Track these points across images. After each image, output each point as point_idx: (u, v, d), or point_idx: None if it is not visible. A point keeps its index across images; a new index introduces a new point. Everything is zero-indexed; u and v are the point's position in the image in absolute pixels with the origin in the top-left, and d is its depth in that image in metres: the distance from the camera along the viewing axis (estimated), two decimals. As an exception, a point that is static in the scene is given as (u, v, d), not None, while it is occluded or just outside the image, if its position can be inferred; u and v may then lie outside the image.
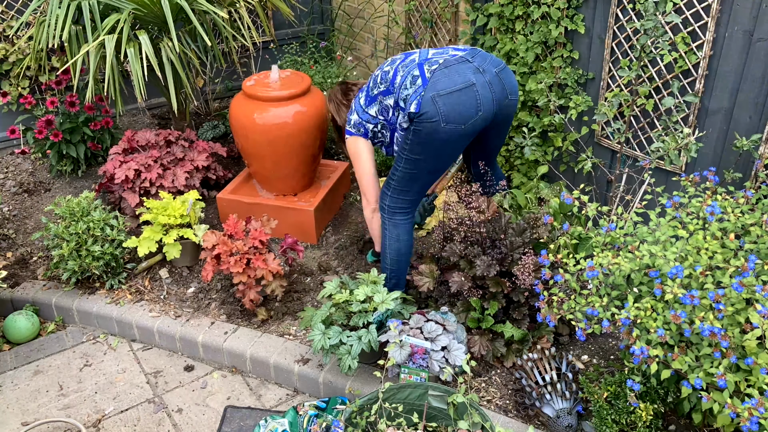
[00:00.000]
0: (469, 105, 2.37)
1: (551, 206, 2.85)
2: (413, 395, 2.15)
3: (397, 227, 2.63)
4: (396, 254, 2.66)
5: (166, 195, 3.14)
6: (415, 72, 2.44)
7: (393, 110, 2.54)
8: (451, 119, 2.36)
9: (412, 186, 2.57)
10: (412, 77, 2.43)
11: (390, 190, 2.60)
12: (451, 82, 2.36)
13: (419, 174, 2.54)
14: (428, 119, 2.35)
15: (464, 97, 2.36)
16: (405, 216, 2.63)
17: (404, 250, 2.66)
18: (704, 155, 2.77)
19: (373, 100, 2.59)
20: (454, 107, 2.35)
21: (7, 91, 3.94)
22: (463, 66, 2.41)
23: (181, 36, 3.44)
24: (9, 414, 2.59)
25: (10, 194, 3.82)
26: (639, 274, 2.02)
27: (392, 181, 2.58)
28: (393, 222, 2.63)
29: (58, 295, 3.06)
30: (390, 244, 2.65)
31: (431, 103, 2.34)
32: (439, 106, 2.34)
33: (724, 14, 2.52)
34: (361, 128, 2.64)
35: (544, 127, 3.38)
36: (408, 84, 2.43)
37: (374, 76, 2.61)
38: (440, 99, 2.34)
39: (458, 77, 2.37)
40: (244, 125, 3.22)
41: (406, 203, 2.61)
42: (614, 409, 2.17)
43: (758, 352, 1.73)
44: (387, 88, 2.52)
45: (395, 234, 2.63)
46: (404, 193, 2.59)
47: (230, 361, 2.78)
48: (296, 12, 4.91)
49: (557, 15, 3.11)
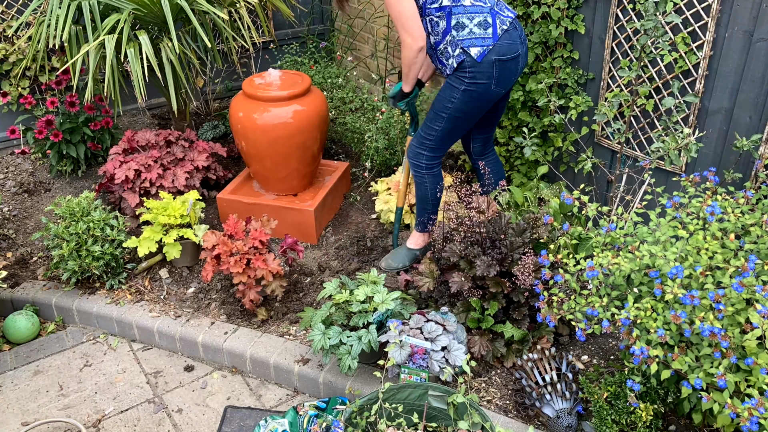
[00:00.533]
0: (514, 73, 2.59)
1: (551, 206, 2.85)
2: (413, 395, 2.15)
3: (436, 177, 2.84)
4: (438, 199, 2.88)
5: (166, 195, 3.14)
6: (488, 18, 2.50)
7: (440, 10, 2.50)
8: (501, 83, 2.56)
9: (448, 142, 2.76)
10: (485, 20, 2.49)
11: (426, 149, 2.75)
12: (511, 50, 2.52)
13: (457, 131, 2.72)
14: (482, 79, 2.51)
15: (513, 66, 2.56)
16: (439, 166, 2.85)
17: (441, 191, 2.88)
18: (704, 155, 2.77)
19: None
20: (504, 73, 2.54)
21: (7, 91, 3.94)
22: (515, 33, 2.57)
23: (181, 36, 3.45)
24: (9, 414, 2.59)
25: (10, 194, 3.82)
26: (639, 274, 2.02)
27: (429, 141, 2.73)
28: (432, 173, 2.82)
29: (58, 295, 3.06)
30: (432, 192, 2.85)
31: (491, 65, 2.49)
32: (497, 68, 2.51)
33: (724, 14, 2.52)
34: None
35: (544, 128, 3.38)
36: (476, 21, 2.48)
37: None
38: (500, 63, 2.51)
39: (514, 46, 2.54)
40: (244, 125, 3.22)
41: (440, 157, 2.82)
42: (614, 409, 2.17)
43: (758, 352, 1.74)
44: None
45: (435, 182, 2.84)
46: (440, 150, 2.77)
47: (230, 361, 2.78)
48: (296, 12, 4.90)
49: (557, 15, 3.11)
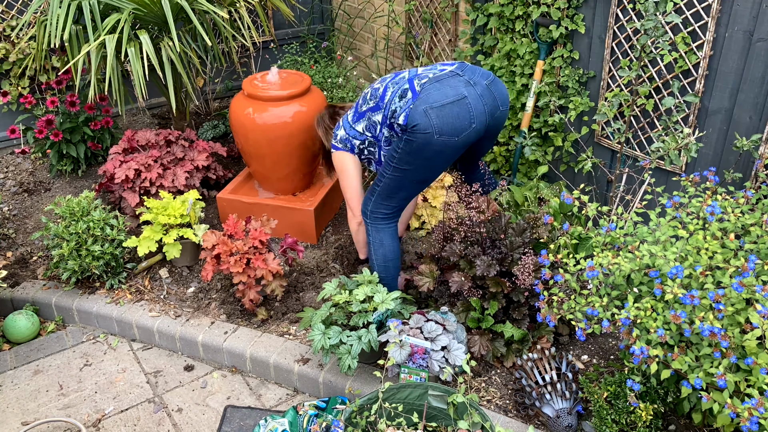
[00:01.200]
0: (462, 117, 2.37)
1: (551, 206, 2.85)
2: (413, 395, 2.15)
3: (379, 232, 2.64)
4: (383, 260, 2.66)
5: (166, 195, 3.14)
6: (405, 86, 2.45)
7: (381, 126, 2.54)
8: (445, 131, 2.36)
9: (398, 193, 2.58)
10: (402, 91, 2.45)
11: (374, 195, 2.60)
12: (443, 95, 2.36)
13: (406, 183, 2.54)
14: (421, 131, 2.35)
15: (457, 110, 2.36)
16: (387, 222, 2.64)
17: (390, 255, 2.65)
18: (704, 155, 2.77)
19: (361, 116, 2.60)
20: (446, 120, 2.35)
21: (7, 91, 3.94)
22: (454, 80, 2.42)
23: (181, 36, 3.45)
24: (9, 414, 2.59)
25: (10, 194, 3.82)
26: (639, 274, 2.02)
27: (377, 188, 2.59)
28: (375, 227, 2.64)
29: (58, 295, 3.06)
30: (375, 250, 2.66)
31: (424, 115, 2.34)
32: (432, 118, 2.34)
33: (725, 14, 2.52)
34: (347, 144, 2.66)
35: (544, 127, 3.38)
36: (397, 99, 2.45)
37: (364, 94, 2.63)
38: (432, 111, 2.34)
39: (450, 90, 2.38)
40: (244, 125, 3.22)
41: (389, 209, 2.62)
42: (614, 409, 2.17)
43: (758, 352, 1.74)
44: (376, 104, 2.54)
45: (378, 239, 2.64)
46: (388, 199, 2.59)
47: (230, 360, 2.78)
48: (296, 12, 4.91)
49: (557, 15, 3.11)
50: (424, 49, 4.17)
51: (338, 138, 2.69)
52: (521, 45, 3.34)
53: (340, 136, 2.68)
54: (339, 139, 2.68)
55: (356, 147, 2.65)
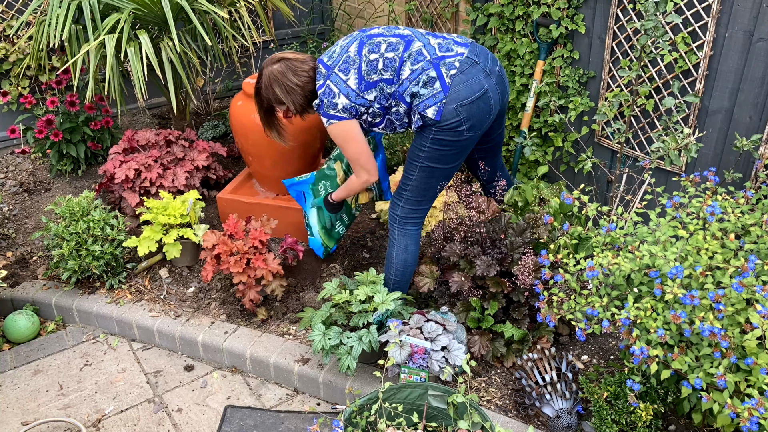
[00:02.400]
0: (486, 110, 2.38)
1: (551, 206, 2.85)
2: (413, 395, 2.15)
3: (406, 237, 2.58)
4: (402, 265, 2.61)
5: (166, 195, 3.14)
6: (431, 73, 2.35)
7: (393, 100, 2.44)
8: (474, 126, 2.36)
9: (427, 194, 2.53)
10: (428, 78, 2.34)
11: (402, 200, 2.54)
12: (471, 90, 2.34)
13: (434, 182, 2.49)
14: (452, 128, 2.33)
15: (483, 104, 2.36)
16: (416, 226, 2.59)
17: (411, 260, 2.61)
18: (704, 155, 2.77)
19: (372, 85, 2.41)
20: (475, 114, 2.35)
21: (7, 91, 3.94)
22: (475, 69, 2.37)
23: (181, 36, 3.44)
24: (9, 413, 2.59)
25: (10, 194, 3.82)
26: (639, 274, 2.02)
27: (405, 192, 2.52)
28: (403, 232, 2.58)
29: (58, 295, 3.06)
30: (398, 254, 2.59)
31: (455, 113, 2.32)
32: (462, 114, 2.32)
33: (725, 14, 2.51)
34: (353, 111, 2.46)
35: (544, 127, 3.38)
36: (422, 82, 2.35)
37: (370, 61, 2.41)
38: (463, 109, 2.32)
39: (476, 84, 2.35)
40: (244, 125, 3.22)
41: (419, 213, 2.57)
42: (614, 409, 2.17)
43: (758, 353, 1.73)
44: (392, 77, 2.40)
45: (404, 244, 2.58)
46: (418, 203, 2.54)
47: (230, 360, 2.78)
48: (296, 12, 4.91)
49: (557, 15, 3.11)
50: (424, 49, 4.17)
51: (339, 107, 2.43)
52: (521, 45, 3.34)
53: (342, 104, 2.42)
54: (341, 108, 2.43)
55: (359, 112, 2.47)
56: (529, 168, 3.56)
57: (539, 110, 3.41)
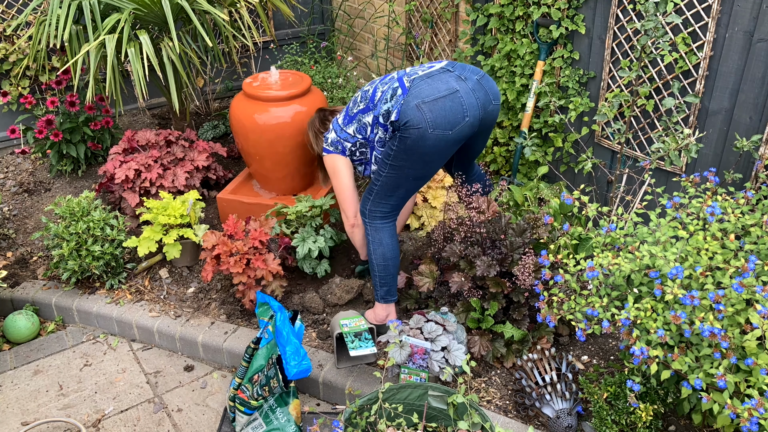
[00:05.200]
0: (456, 111, 2.37)
1: (551, 206, 2.85)
2: (413, 395, 2.15)
3: (378, 231, 2.61)
4: (382, 259, 2.61)
5: (166, 195, 3.14)
6: (395, 85, 2.44)
7: (372, 127, 2.54)
8: (439, 125, 2.35)
9: (395, 192, 2.55)
10: (392, 89, 2.44)
11: (372, 195, 2.58)
12: (434, 90, 2.36)
13: (403, 181, 2.52)
14: (414, 126, 2.34)
15: (450, 104, 2.36)
16: (385, 221, 2.61)
17: (389, 254, 2.61)
18: (704, 156, 2.77)
19: (351, 119, 2.59)
20: (439, 113, 2.34)
21: (7, 91, 3.94)
22: (444, 75, 2.42)
23: (181, 36, 3.45)
24: (9, 414, 2.59)
25: (10, 194, 3.82)
26: (639, 274, 2.02)
27: (375, 187, 2.56)
28: (374, 226, 2.61)
29: (58, 295, 3.06)
30: (374, 249, 2.62)
31: (416, 110, 2.33)
32: (425, 112, 2.33)
33: (725, 15, 2.52)
34: (338, 146, 2.64)
35: (544, 127, 3.38)
36: (388, 97, 2.44)
37: (354, 98, 2.63)
38: (425, 106, 2.34)
39: (441, 84, 2.38)
40: (244, 125, 3.22)
41: (387, 207, 2.59)
42: (614, 409, 2.17)
43: (758, 353, 1.73)
44: (366, 105, 2.53)
45: (377, 238, 2.61)
46: (386, 198, 2.56)
47: (230, 361, 2.78)
48: (296, 12, 4.91)
49: (558, 15, 3.11)
50: (424, 50, 4.17)
51: (329, 141, 2.67)
52: (521, 45, 3.34)
53: (331, 139, 2.66)
54: (330, 142, 2.66)
55: (347, 149, 2.65)
56: (529, 168, 3.56)
57: (539, 111, 3.41)
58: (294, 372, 2.20)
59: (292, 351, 2.22)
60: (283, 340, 2.24)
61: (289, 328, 2.28)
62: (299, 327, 2.42)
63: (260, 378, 2.33)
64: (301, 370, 2.21)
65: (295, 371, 2.20)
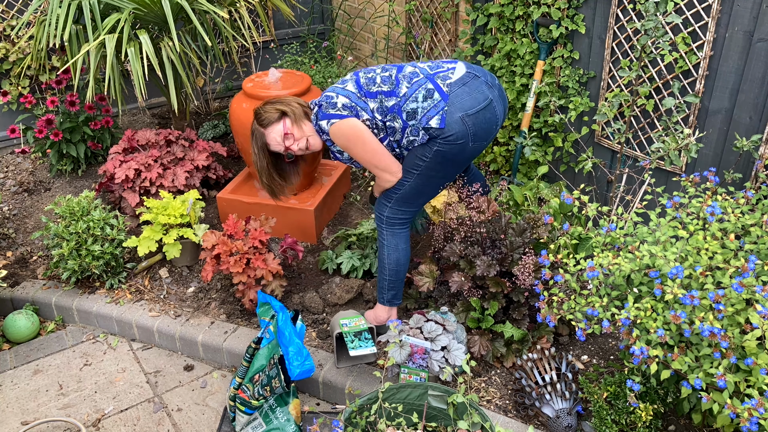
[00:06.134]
0: (491, 121, 2.35)
1: (551, 206, 2.85)
2: (413, 395, 2.15)
3: (395, 236, 2.55)
4: (395, 264, 2.57)
5: (166, 194, 3.14)
6: (428, 86, 2.32)
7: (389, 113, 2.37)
8: (479, 137, 2.33)
9: (418, 199, 2.49)
10: (426, 90, 2.31)
11: (391, 202, 2.49)
12: (476, 101, 2.30)
13: (429, 189, 2.47)
14: (458, 140, 2.29)
15: (488, 115, 2.33)
16: (403, 227, 2.56)
17: (403, 260, 2.58)
18: (704, 156, 2.77)
19: (371, 95, 2.37)
20: (481, 126, 2.31)
21: (7, 91, 3.94)
22: (477, 82, 2.35)
23: (181, 35, 3.45)
24: (9, 413, 2.59)
25: (10, 193, 3.82)
26: (639, 274, 2.02)
27: (395, 194, 2.47)
28: (391, 231, 2.54)
29: (58, 295, 3.06)
30: (389, 254, 2.56)
31: (461, 123, 2.27)
32: (469, 126, 2.29)
33: (725, 15, 2.52)
34: (353, 111, 2.36)
35: (544, 127, 3.38)
36: (420, 97, 2.31)
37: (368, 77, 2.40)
38: (469, 119, 2.28)
39: (479, 95, 2.32)
40: (244, 125, 3.22)
41: (407, 214, 2.53)
42: (614, 409, 2.17)
43: (758, 353, 1.73)
44: (390, 89, 2.35)
45: (394, 243, 2.55)
46: (407, 205, 2.50)
47: (230, 360, 2.78)
48: (296, 12, 4.91)
49: (557, 15, 3.11)
50: (424, 49, 4.17)
51: (339, 106, 2.35)
52: (521, 45, 3.34)
53: (342, 103, 2.35)
54: (342, 106, 2.35)
55: (361, 118, 2.37)
56: (529, 168, 3.56)
57: (539, 110, 3.41)
58: (297, 372, 2.20)
59: (294, 351, 2.22)
60: (286, 341, 2.25)
61: (291, 328, 2.28)
62: (300, 327, 2.43)
63: (261, 378, 2.33)
64: (304, 371, 2.22)
65: (298, 371, 2.21)
